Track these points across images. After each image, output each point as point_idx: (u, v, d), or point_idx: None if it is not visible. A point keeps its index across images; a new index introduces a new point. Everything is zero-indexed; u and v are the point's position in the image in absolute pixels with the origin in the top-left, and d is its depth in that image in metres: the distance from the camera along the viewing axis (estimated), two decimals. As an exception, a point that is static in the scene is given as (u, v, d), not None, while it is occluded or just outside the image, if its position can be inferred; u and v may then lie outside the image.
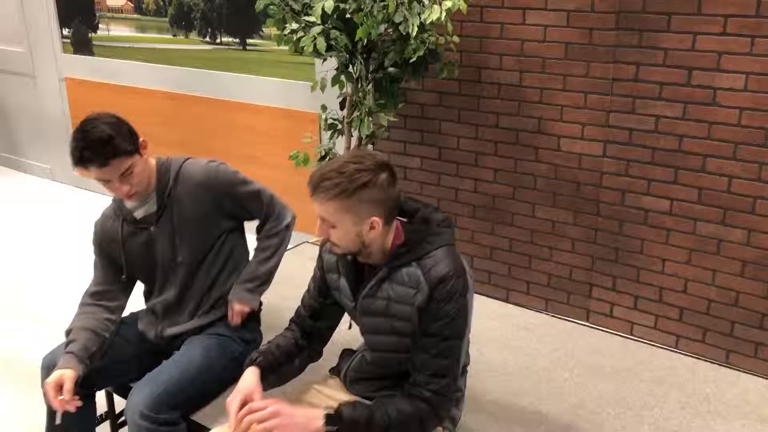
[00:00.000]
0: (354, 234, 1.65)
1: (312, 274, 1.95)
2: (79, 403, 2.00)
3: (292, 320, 1.98)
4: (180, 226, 2.17)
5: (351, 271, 1.80)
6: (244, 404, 1.69)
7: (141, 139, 2.11)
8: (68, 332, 2.15)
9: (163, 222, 2.17)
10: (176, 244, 2.18)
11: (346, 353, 2.00)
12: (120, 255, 2.21)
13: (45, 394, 2.01)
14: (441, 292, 1.65)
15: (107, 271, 2.25)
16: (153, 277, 2.27)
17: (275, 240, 2.31)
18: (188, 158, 2.26)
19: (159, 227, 2.18)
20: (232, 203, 2.22)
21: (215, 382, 2.17)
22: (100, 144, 1.97)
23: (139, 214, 2.19)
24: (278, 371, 1.88)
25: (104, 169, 1.99)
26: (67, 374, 1.99)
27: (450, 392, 1.73)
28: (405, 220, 1.79)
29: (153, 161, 2.19)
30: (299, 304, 1.98)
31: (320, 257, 1.90)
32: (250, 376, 1.79)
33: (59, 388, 1.97)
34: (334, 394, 1.93)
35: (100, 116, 2.04)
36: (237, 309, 2.24)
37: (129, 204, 2.19)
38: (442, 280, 1.65)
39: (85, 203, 5.04)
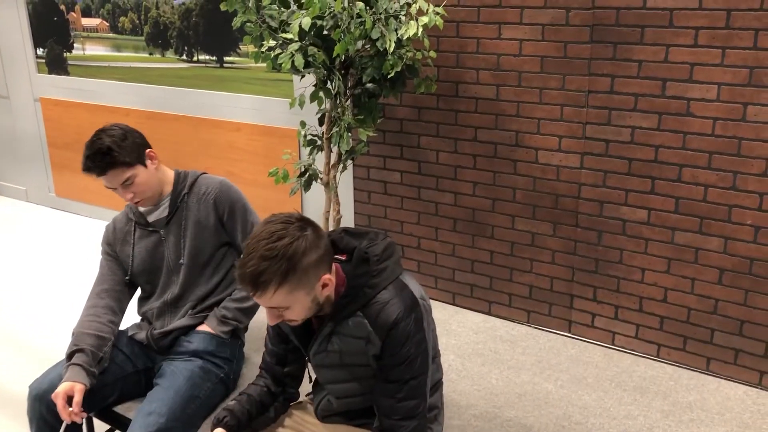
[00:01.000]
0: (309, 303, 1.57)
1: None
2: (86, 415, 2.07)
3: (261, 367, 1.91)
4: (186, 229, 2.29)
5: (298, 326, 1.71)
6: None
7: (148, 151, 2.25)
8: (74, 334, 2.18)
9: (172, 225, 2.30)
10: (182, 245, 2.29)
11: (317, 385, 1.94)
12: (129, 256, 2.32)
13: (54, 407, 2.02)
14: (394, 338, 1.58)
15: (113, 271, 2.34)
16: (156, 280, 2.35)
17: None
18: (205, 172, 2.44)
19: (168, 229, 2.30)
20: (228, 219, 2.32)
21: (204, 408, 2.18)
22: (99, 155, 2.14)
23: (151, 218, 2.32)
24: (250, 425, 1.81)
25: (104, 177, 2.17)
26: (77, 387, 2.03)
27: (424, 429, 1.69)
28: (343, 258, 1.69)
29: (170, 172, 2.35)
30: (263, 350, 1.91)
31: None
32: None
33: (68, 399, 2.00)
34: (309, 418, 1.91)
35: (108, 128, 2.21)
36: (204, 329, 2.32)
37: (143, 208, 2.32)
38: (392, 326, 1.57)
39: (61, 225, 4.97)
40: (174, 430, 2.02)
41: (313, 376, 1.90)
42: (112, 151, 2.15)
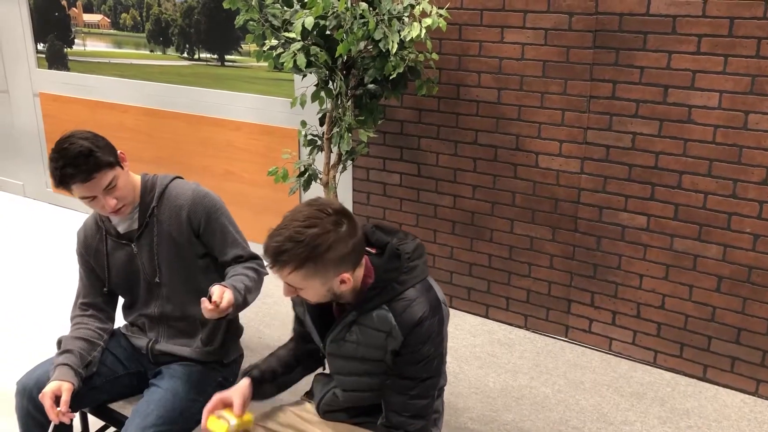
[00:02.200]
0: (324, 291, 1.58)
1: None
2: (75, 416, 1.99)
3: (293, 330, 1.94)
4: (160, 246, 2.13)
5: (317, 311, 1.73)
6: (218, 405, 1.68)
7: (119, 152, 2.08)
8: (59, 343, 2.12)
9: (143, 240, 2.14)
10: (156, 263, 2.14)
11: (319, 379, 1.95)
12: (104, 268, 2.18)
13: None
14: (416, 336, 1.59)
15: (92, 281, 2.22)
16: (136, 292, 2.23)
17: (255, 275, 2.13)
18: (176, 177, 2.20)
19: (140, 245, 2.14)
20: (204, 231, 2.14)
21: (201, 412, 2.14)
22: (81, 158, 1.93)
23: (121, 228, 2.16)
24: (275, 381, 1.83)
25: (88, 184, 1.95)
26: (64, 386, 1.96)
27: (428, 431, 1.71)
28: (373, 251, 1.70)
29: (137, 177, 2.15)
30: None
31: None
32: (240, 384, 1.77)
33: (56, 399, 1.94)
34: (310, 417, 1.90)
35: (75, 133, 2.01)
36: (225, 299, 1.90)
37: (113, 217, 2.14)
38: (417, 324, 1.59)
39: (58, 220, 4.95)
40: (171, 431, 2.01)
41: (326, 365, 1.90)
42: (93, 153, 1.95)
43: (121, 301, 2.31)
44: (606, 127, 2.78)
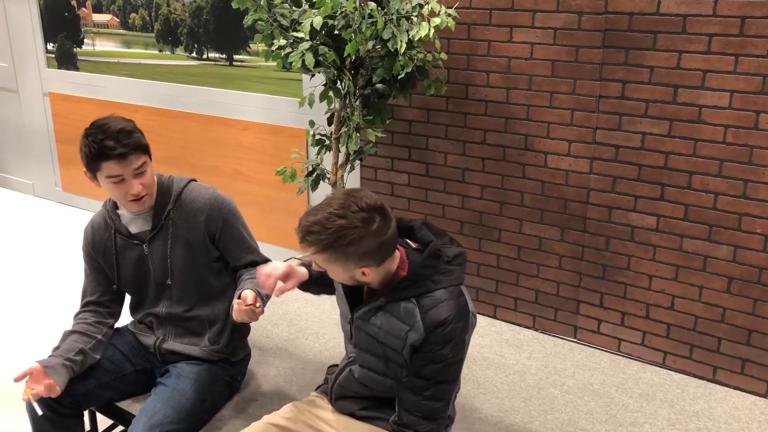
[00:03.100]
0: (347, 276, 1.64)
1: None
2: (58, 390, 1.95)
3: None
4: (173, 249, 2.13)
5: (349, 290, 1.77)
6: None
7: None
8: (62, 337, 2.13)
9: (156, 242, 2.13)
10: (168, 266, 2.14)
11: (333, 368, 1.98)
12: (113, 267, 2.18)
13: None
14: (438, 336, 1.60)
15: (98, 279, 2.21)
16: (144, 292, 2.23)
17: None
18: (192, 180, 2.21)
19: (152, 246, 2.14)
20: (220, 236, 2.15)
21: (209, 411, 2.16)
22: (123, 134, 1.98)
23: (133, 228, 2.15)
24: (320, 285, 1.89)
25: (124, 162, 1.97)
26: (35, 366, 1.95)
27: None
28: (414, 246, 1.73)
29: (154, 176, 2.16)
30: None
31: None
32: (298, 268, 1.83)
33: (25, 376, 1.94)
34: (322, 414, 1.90)
35: (112, 116, 2.08)
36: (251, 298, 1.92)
37: (124, 216, 2.15)
38: (440, 324, 1.60)
39: (67, 219, 4.98)
40: (178, 430, 2.01)
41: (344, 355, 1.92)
42: (135, 131, 2.02)
43: (128, 299, 2.32)
44: (615, 127, 2.77)
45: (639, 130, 2.72)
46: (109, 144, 1.96)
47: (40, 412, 1.96)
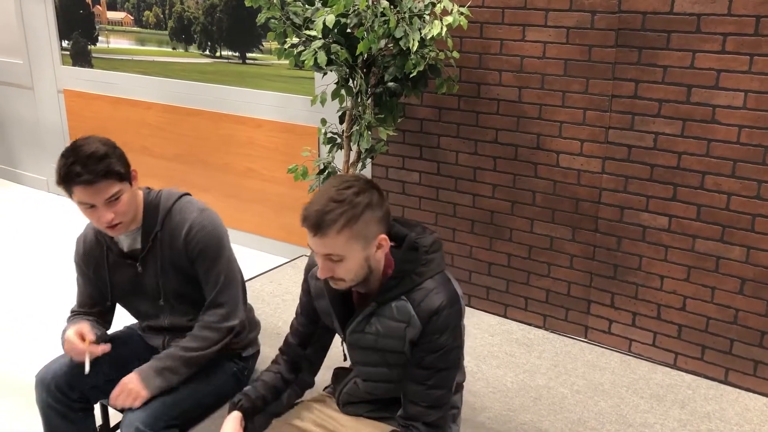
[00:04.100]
0: (363, 260, 1.60)
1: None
2: (107, 347, 1.96)
3: (280, 350, 1.92)
4: (164, 269, 2.07)
5: (339, 301, 1.74)
6: None
7: (133, 169, 1.98)
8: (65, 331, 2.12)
9: (148, 260, 2.07)
10: (160, 286, 2.09)
11: (339, 372, 1.96)
12: (106, 283, 2.14)
13: (69, 351, 1.98)
14: (434, 326, 1.61)
15: (90, 293, 2.18)
16: (141, 308, 2.20)
17: (213, 335, 2.05)
18: (182, 196, 2.09)
19: (145, 263, 2.08)
20: (197, 263, 2.05)
21: (213, 396, 2.15)
22: (93, 159, 1.84)
23: (124, 246, 2.09)
24: (265, 410, 1.82)
25: (91, 188, 1.86)
26: (84, 326, 1.96)
27: (445, 423, 1.72)
28: (393, 244, 1.72)
29: (140, 193, 2.06)
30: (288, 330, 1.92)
31: (306, 282, 1.83)
32: (230, 424, 1.73)
33: (81, 336, 1.95)
34: (332, 413, 1.91)
35: (93, 136, 1.92)
36: (129, 387, 1.96)
37: (114, 234, 2.05)
38: (434, 313, 1.61)
39: (81, 216, 5.01)
40: (178, 410, 2.01)
41: (347, 356, 1.90)
42: (108, 157, 1.85)
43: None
44: (628, 127, 2.76)
45: (652, 129, 2.71)
46: (75, 169, 1.83)
47: (87, 370, 1.95)
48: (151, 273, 2.09)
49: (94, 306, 2.19)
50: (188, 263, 2.06)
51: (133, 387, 1.97)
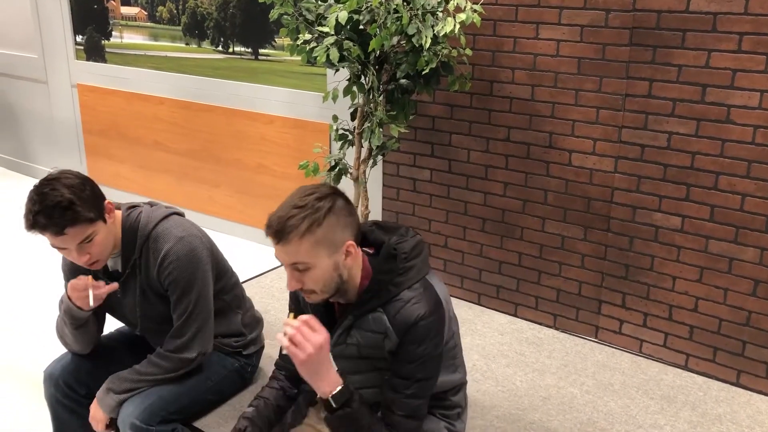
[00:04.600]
0: (331, 269, 1.56)
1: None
2: (115, 286, 1.95)
3: (277, 365, 1.90)
4: (144, 295, 2.04)
5: (321, 312, 1.71)
6: None
7: (106, 202, 1.91)
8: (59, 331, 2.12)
9: (128, 287, 2.04)
10: (136, 313, 2.07)
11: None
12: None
13: (72, 293, 1.96)
14: (412, 337, 1.58)
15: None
16: (127, 322, 2.20)
17: (167, 364, 2.02)
18: (163, 219, 2.01)
19: (125, 292, 2.05)
20: (169, 293, 2.02)
21: (213, 393, 2.15)
22: (57, 210, 1.75)
23: (110, 263, 2.05)
24: (271, 431, 1.81)
25: (60, 237, 1.80)
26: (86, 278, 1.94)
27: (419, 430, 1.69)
28: (371, 251, 1.70)
29: (119, 216, 2.00)
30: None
31: (293, 294, 1.81)
32: None
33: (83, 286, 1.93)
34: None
35: (62, 176, 1.83)
36: (92, 413, 2.03)
37: None
38: (411, 324, 1.58)
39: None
40: (175, 406, 2.02)
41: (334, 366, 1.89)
42: (74, 205, 1.76)
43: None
44: (641, 126, 2.74)
45: (665, 129, 2.69)
46: (40, 221, 1.76)
47: (92, 303, 1.94)
48: (130, 298, 2.05)
49: None
50: (164, 290, 2.03)
51: (93, 413, 2.02)
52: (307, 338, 1.49)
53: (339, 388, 1.54)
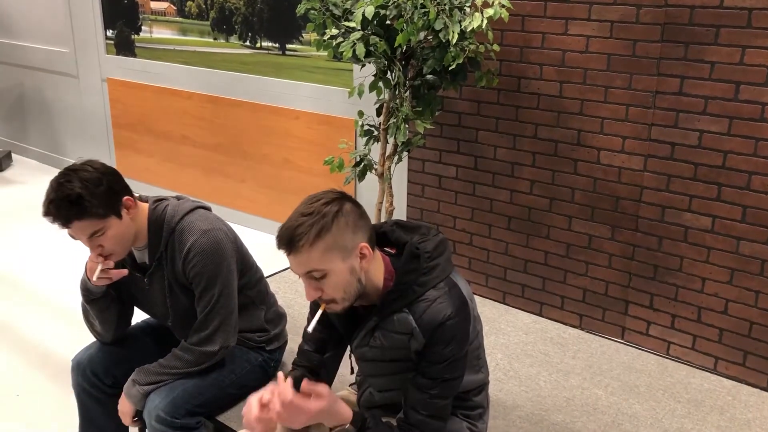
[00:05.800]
0: (348, 273, 1.54)
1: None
2: (125, 272, 1.96)
3: (295, 363, 1.88)
4: (171, 289, 2.05)
5: (344, 314, 1.68)
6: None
7: (126, 198, 1.91)
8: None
9: (155, 276, 2.05)
10: (167, 305, 2.08)
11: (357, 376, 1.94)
12: (118, 288, 2.11)
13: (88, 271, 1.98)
14: (439, 337, 1.57)
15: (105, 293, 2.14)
16: (154, 313, 2.21)
17: (190, 357, 2.03)
18: (189, 212, 2.02)
19: (152, 280, 2.06)
20: (193, 286, 2.02)
21: (236, 387, 2.16)
22: (65, 203, 1.79)
23: (137, 256, 2.07)
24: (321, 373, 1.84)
25: (68, 229, 1.84)
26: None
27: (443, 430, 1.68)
28: (393, 251, 1.69)
29: (145, 208, 2.01)
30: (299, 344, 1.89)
31: (314, 305, 1.79)
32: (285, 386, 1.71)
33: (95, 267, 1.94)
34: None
35: (82, 168, 1.85)
36: (119, 407, 2.06)
37: None
38: (438, 325, 1.56)
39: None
40: (200, 399, 2.03)
41: (356, 368, 1.89)
42: (82, 200, 1.79)
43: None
44: (672, 124, 2.68)
45: (697, 127, 2.63)
46: (50, 210, 1.81)
47: (94, 279, 1.95)
48: (158, 290, 2.07)
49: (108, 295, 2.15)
50: (189, 283, 2.04)
51: (121, 406, 2.05)
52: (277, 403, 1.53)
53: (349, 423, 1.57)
